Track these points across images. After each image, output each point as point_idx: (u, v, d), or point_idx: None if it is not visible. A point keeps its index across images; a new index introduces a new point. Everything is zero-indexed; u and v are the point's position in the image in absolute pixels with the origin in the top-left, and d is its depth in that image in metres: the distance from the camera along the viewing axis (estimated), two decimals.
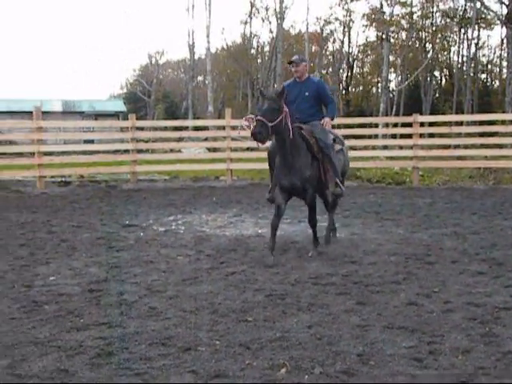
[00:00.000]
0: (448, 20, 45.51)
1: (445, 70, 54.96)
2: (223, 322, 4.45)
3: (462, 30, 46.26)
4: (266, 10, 49.67)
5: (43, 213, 10.14)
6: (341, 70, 55.87)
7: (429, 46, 48.30)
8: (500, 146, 16.07)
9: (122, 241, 7.66)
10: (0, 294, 5.27)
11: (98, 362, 3.72)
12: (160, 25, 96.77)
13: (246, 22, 52.11)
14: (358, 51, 57.12)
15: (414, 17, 46.01)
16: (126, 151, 15.99)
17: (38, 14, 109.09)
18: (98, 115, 50.94)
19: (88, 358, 3.80)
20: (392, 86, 50.06)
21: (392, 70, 48.55)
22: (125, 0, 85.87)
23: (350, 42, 56.18)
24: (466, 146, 16.81)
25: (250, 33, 53.36)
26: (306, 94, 7.04)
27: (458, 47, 49.64)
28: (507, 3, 27.68)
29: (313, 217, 6.79)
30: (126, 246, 7.37)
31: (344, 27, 53.05)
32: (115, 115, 51.52)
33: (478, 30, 46.35)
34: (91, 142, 24.61)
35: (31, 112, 14.26)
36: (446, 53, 52.13)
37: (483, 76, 55.19)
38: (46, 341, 4.10)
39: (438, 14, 46.70)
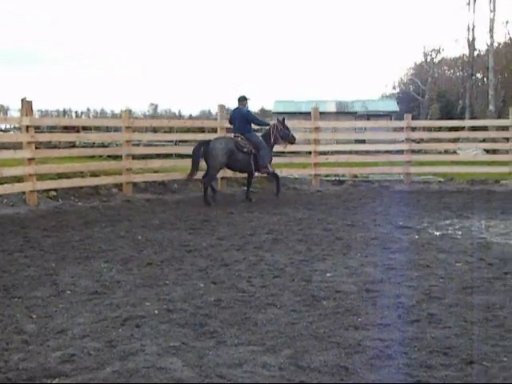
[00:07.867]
0: None
1: None
2: None
3: None
4: None
5: (318, 210, 10.50)
6: None
7: None
8: None
9: (396, 242, 7.55)
10: (282, 286, 5.55)
11: (378, 364, 3.67)
12: (437, 21, 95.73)
13: None
14: None
15: None
16: (399, 151, 15.80)
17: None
18: (370, 115, 51.65)
19: (367, 357, 3.78)
20: None
21: None
22: None
23: None
24: None
25: None
26: None
27: None
28: None
29: None
30: (401, 247, 7.24)
31: None
32: (387, 115, 51.63)
33: None
34: (362, 142, 24.98)
35: (305, 113, 14.85)
36: None
37: None
38: (325, 336, 4.19)
39: None
